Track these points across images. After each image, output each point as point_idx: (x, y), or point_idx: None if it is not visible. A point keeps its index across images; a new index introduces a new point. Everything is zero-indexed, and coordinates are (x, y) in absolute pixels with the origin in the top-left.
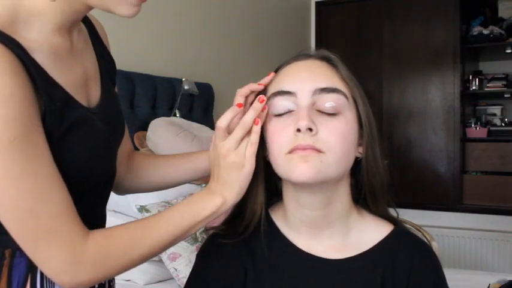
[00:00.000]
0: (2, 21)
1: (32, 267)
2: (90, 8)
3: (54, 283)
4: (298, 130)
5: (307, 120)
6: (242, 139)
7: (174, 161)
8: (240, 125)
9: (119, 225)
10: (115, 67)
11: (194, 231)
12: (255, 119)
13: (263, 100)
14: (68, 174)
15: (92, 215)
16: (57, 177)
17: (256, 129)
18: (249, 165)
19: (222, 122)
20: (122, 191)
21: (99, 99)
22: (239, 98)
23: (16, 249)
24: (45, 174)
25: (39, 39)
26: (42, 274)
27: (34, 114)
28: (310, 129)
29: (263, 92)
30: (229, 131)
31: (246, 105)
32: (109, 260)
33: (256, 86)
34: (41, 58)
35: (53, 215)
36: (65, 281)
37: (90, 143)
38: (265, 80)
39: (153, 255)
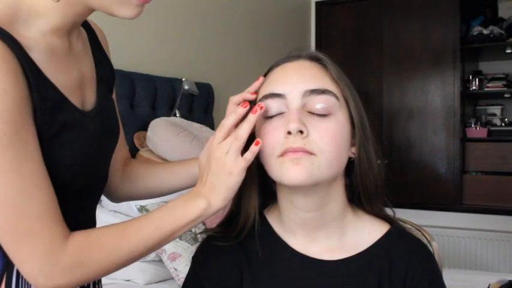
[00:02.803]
0: (1, 18)
1: (8, 265)
2: (91, 10)
3: (30, 284)
4: (289, 133)
5: (297, 123)
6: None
7: (170, 168)
8: (234, 136)
9: (100, 228)
10: (114, 75)
11: (178, 235)
12: (256, 140)
13: (256, 111)
14: (55, 174)
15: (77, 218)
16: (44, 176)
17: (255, 150)
18: (237, 175)
19: (229, 120)
20: (117, 198)
21: (94, 104)
22: (231, 106)
23: None
24: (32, 172)
25: (37, 38)
26: (18, 273)
27: (26, 112)
28: (301, 132)
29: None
30: (231, 132)
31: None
32: (87, 263)
33: (249, 96)
34: (38, 56)
35: (36, 214)
36: (40, 283)
37: (80, 145)
38: (255, 86)
39: (134, 259)
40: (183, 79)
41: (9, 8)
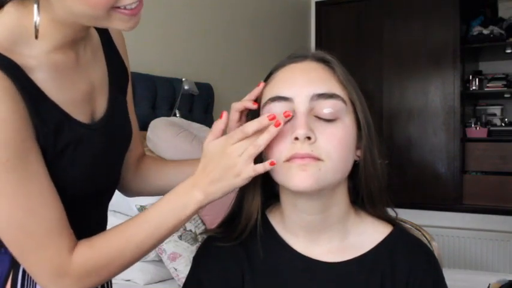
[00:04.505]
0: (1, 42)
1: (15, 264)
2: (90, 26)
3: (35, 282)
4: (296, 138)
5: (305, 129)
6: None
7: (180, 167)
8: (252, 142)
9: (102, 235)
10: (127, 75)
11: (179, 228)
12: (271, 161)
13: (279, 124)
14: (64, 187)
15: (89, 215)
16: (50, 194)
17: (267, 167)
18: (243, 180)
19: (252, 127)
20: (128, 193)
21: (104, 111)
22: (234, 114)
23: (0, 246)
24: (38, 192)
25: (41, 57)
26: (24, 271)
27: (28, 136)
28: (309, 138)
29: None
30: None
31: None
32: (93, 271)
33: (250, 105)
34: (41, 76)
35: (43, 231)
36: None
37: (85, 160)
38: (255, 93)
39: (138, 259)
40: (183, 79)
41: (10, 31)
